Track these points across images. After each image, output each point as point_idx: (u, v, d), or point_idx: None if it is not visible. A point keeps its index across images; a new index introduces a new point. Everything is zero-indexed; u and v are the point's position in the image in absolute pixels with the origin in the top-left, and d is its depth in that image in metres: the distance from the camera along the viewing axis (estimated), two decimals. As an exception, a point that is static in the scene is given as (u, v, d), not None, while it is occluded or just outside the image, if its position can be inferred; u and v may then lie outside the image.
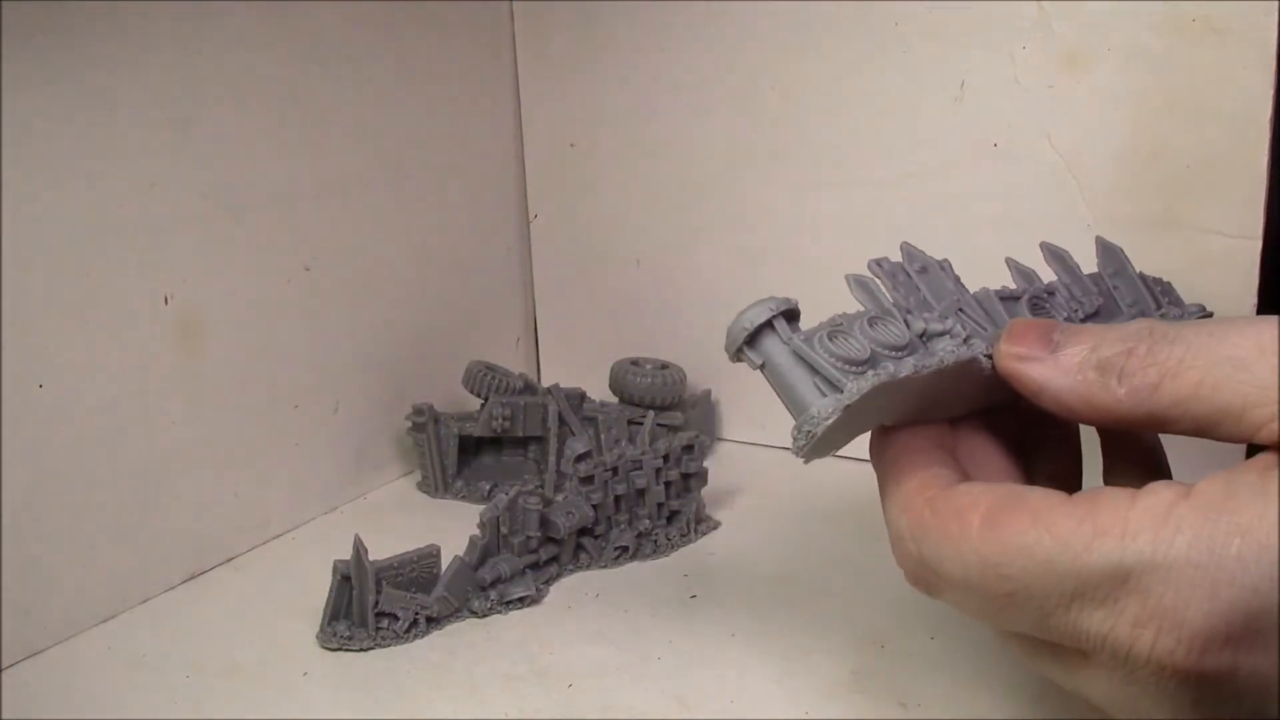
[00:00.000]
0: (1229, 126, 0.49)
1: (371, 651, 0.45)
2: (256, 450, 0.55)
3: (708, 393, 0.66)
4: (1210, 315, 0.42)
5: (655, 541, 0.53)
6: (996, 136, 0.55)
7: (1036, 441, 0.36)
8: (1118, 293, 0.40)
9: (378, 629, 0.45)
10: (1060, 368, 0.31)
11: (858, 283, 0.35)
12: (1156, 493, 0.28)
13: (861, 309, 0.34)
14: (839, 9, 0.57)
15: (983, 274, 0.56)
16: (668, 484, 0.53)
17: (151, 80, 0.48)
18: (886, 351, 0.32)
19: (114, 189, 0.47)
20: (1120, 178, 0.52)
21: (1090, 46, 0.52)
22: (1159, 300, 0.41)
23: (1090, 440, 0.37)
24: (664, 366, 0.63)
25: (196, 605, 0.50)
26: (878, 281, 0.35)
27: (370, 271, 0.60)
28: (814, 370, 0.31)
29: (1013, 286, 0.38)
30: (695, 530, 0.54)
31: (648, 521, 0.53)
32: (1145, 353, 0.30)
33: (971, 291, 0.37)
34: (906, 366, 0.31)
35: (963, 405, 0.35)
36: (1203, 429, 0.29)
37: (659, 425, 0.59)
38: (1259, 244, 0.50)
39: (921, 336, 0.33)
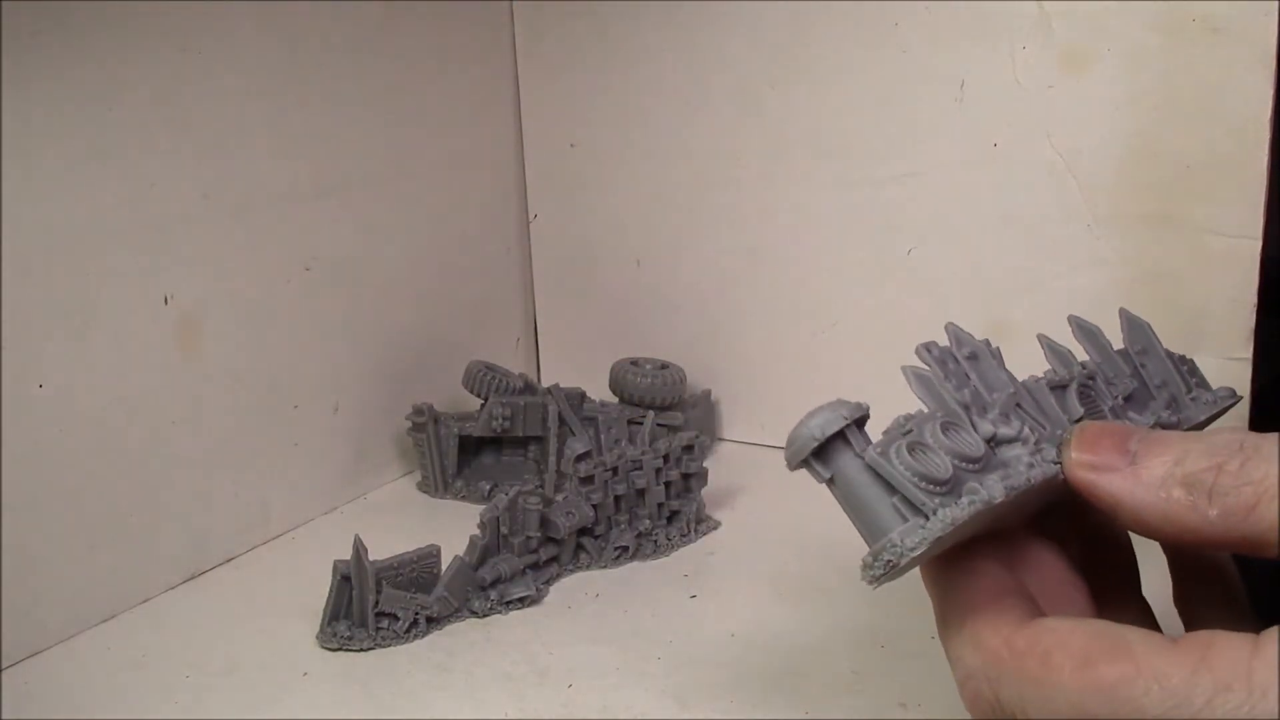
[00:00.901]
0: (1229, 126, 0.49)
1: (371, 651, 0.45)
2: (256, 450, 0.55)
3: (708, 393, 0.66)
4: (1240, 399, 0.40)
5: (655, 541, 0.53)
6: (996, 136, 0.55)
7: (1087, 540, 0.34)
8: (1145, 372, 0.37)
9: (378, 629, 0.45)
10: (1140, 482, 0.28)
11: (918, 378, 0.31)
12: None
13: (924, 409, 0.31)
14: (838, 9, 0.57)
15: (983, 275, 0.56)
16: (668, 484, 0.53)
17: (151, 80, 0.48)
18: (964, 465, 0.29)
19: (114, 189, 0.47)
20: (1120, 178, 0.52)
21: (1090, 46, 0.52)
22: (1188, 381, 0.38)
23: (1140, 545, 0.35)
24: (664, 366, 0.63)
25: (196, 605, 0.50)
26: (937, 377, 0.32)
27: (370, 271, 0.60)
28: (892, 489, 0.28)
29: (1047, 367, 0.36)
30: (695, 530, 0.54)
31: (648, 521, 0.53)
32: (1238, 469, 0.27)
33: (1019, 379, 0.34)
34: (997, 489, 0.28)
35: (1022, 516, 0.32)
36: None
37: (659, 425, 0.59)
38: (1259, 244, 0.50)
39: (990, 442, 0.30)
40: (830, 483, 0.29)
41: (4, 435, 0.44)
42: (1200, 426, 0.38)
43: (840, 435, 0.29)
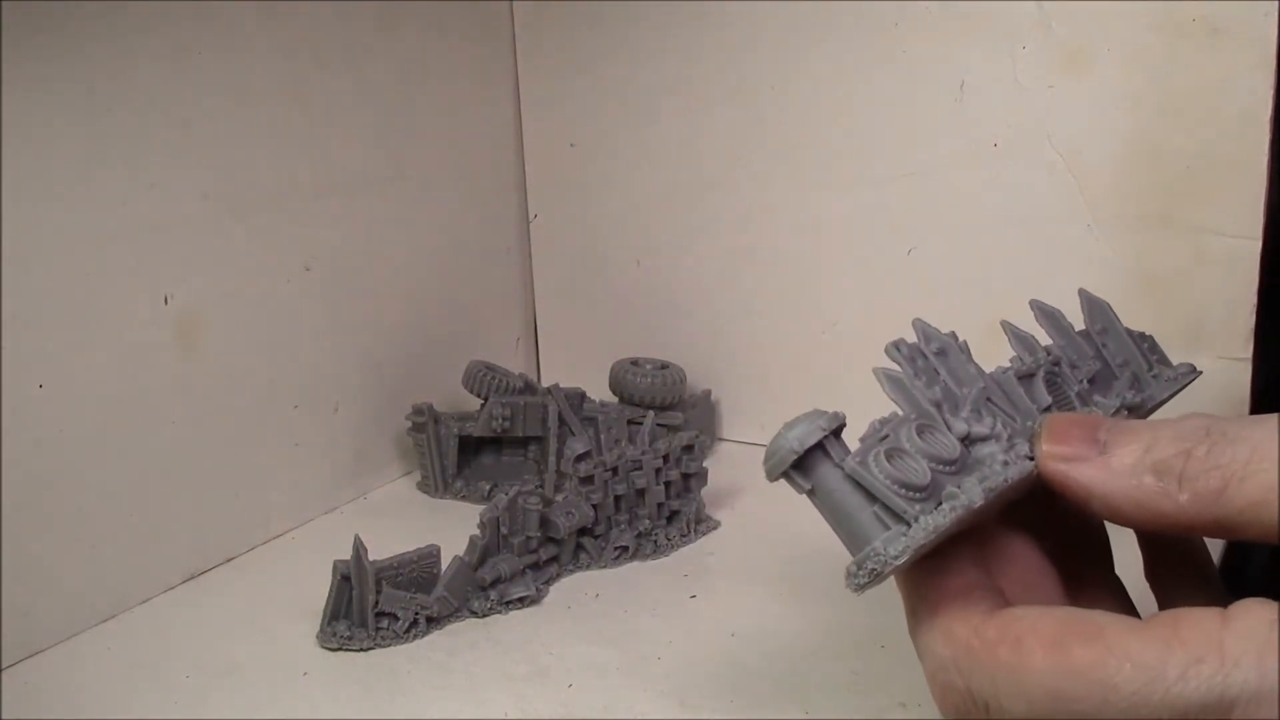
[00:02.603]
0: (1229, 126, 0.49)
1: (371, 651, 0.45)
2: (256, 450, 0.55)
3: (708, 393, 0.66)
4: (1199, 374, 0.41)
5: (655, 541, 0.53)
6: (996, 136, 0.55)
7: (1059, 526, 0.34)
8: (1107, 351, 0.38)
9: (378, 629, 0.45)
10: (1111, 471, 0.29)
11: (890, 380, 0.31)
12: (1251, 612, 0.25)
13: (899, 412, 0.31)
14: (839, 9, 0.57)
15: (983, 275, 0.56)
16: (668, 484, 0.53)
17: (151, 80, 0.48)
18: (941, 468, 0.29)
19: (114, 189, 0.47)
20: (1120, 178, 0.52)
21: (1090, 46, 0.52)
22: (1148, 359, 0.39)
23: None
24: (664, 366, 0.63)
25: (196, 605, 0.50)
26: (908, 376, 0.32)
27: (370, 271, 0.60)
28: (872, 498, 0.28)
29: (1012, 355, 0.36)
30: (695, 530, 0.54)
31: (648, 521, 0.53)
32: (1205, 454, 0.27)
33: (988, 371, 0.34)
34: (976, 493, 0.28)
35: (995, 510, 0.32)
36: (1273, 534, 0.27)
37: (659, 425, 0.59)
38: (1259, 244, 0.50)
39: (964, 441, 0.30)
40: (811, 494, 0.30)
41: (4, 435, 0.44)
42: (1163, 404, 0.38)
43: (819, 446, 0.29)
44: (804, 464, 0.29)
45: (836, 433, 0.29)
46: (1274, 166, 0.49)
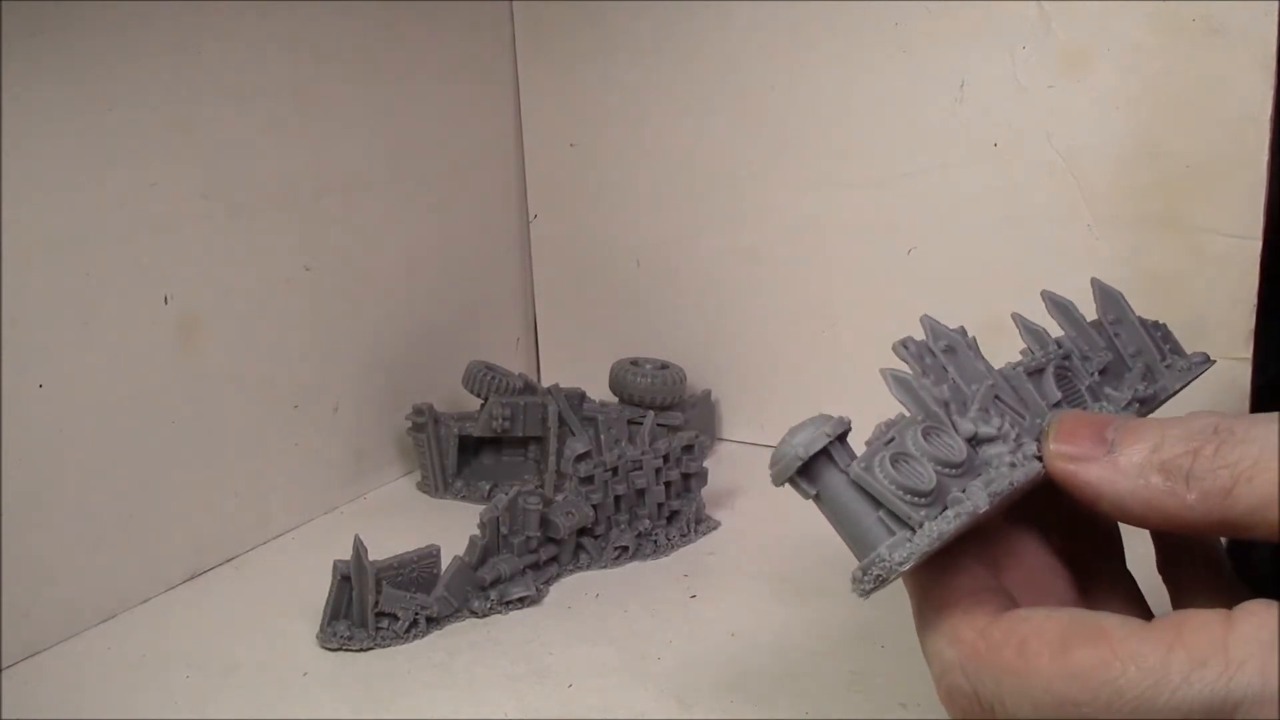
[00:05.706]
0: (1229, 126, 0.49)
1: (371, 651, 0.45)
2: (256, 450, 0.55)
3: (708, 393, 0.66)
4: (1213, 362, 0.41)
5: (655, 541, 0.53)
6: (996, 136, 0.55)
7: (1069, 522, 0.34)
8: (1119, 341, 0.38)
9: (378, 629, 0.45)
10: (1119, 470, 0.28)
11: (897, 382, 0.31)
12: (1254, 614, 0.25)
13: (906, 413, 0.31)
14: (839, 9, 0.57)
15: (983, 275, 0.56)
16: (668, 484, 0.53)
17: (151, 80, 0.48)
18: (948, 472, 0.29)
19: (114, 189, 0.47)
20: (1120, 178, 0.52)
21: (1090, 46, 0.52)
22: (1161, 348, 0.39)
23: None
24: (664, 366, 0.63)
25: (196, 605, 0.50)
26: (916, 376, 0.32)
27: (370, 271, 0.60)
28: (877, 503, 0.28)
29: (1023, 346, 0.36)
30: (695, 530, 0.54)
31: (648, 521, 0.53)
32: (1213, 453, 0.27)
33: (997, 367, 0.34)
34: (981, 498, 0.28)
35: (1003, 507, 0.31)
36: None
37: (659, 425, 0.59)
38: (1259, 244, 0.50)
39: (971, 441, 0.30)
40: (816, 499, 0.29)
41: (4, 435, 0.44)
42: (1176, 393, 0.38)
43: (824, 452, 0.29)
44: (809, 470, 0.29)
45: (841, 438, 0.29)
46: (1274, 166, 0.49)
